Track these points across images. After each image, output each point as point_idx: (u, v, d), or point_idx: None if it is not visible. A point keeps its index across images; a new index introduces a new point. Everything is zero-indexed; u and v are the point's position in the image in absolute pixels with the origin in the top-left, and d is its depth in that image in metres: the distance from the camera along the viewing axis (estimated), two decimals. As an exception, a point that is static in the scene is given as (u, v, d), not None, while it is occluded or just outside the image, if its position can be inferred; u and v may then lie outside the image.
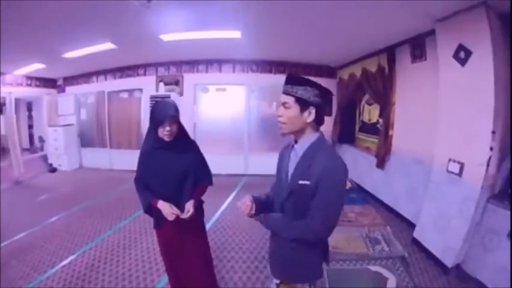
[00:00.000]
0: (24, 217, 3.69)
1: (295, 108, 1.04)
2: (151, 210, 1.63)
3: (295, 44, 4.12)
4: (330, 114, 5.72)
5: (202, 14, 2.90)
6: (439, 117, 2.68)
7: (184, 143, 1.64)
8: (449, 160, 2.51)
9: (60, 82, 6.40)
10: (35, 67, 4.96)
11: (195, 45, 4.18)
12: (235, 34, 3.58)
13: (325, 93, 1.07)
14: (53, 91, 6.39)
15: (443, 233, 2.54)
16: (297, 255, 1.12)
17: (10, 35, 3.06)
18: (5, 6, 2.32)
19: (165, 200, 1.55)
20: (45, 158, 6.32)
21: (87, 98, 6.27)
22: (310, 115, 1.04)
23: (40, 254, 2.78)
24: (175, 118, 1.51)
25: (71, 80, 6.29)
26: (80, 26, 3.10)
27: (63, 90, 6.40)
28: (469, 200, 2.27)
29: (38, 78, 5.93)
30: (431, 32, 2.73)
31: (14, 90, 5.23)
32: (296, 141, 1.13)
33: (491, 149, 2.15)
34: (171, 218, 1.51)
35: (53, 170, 6.03)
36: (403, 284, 2.27)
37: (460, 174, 2.40)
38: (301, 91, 1.03)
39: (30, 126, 7.60)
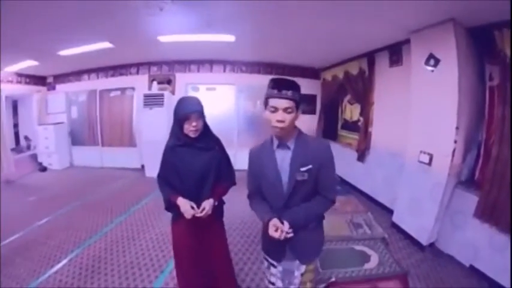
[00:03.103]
0: (23, 215, 3.60)
1: (295, 112, 1.10)
2: (172, 207, 1.56)
3: (283, 47, 4.28)
4: (314, 113, 6.00)
5: (202, 18, 2.95)
6: (411, 115, 2.95)
7: (208, 140, 1.56)
8: (420, 152, 2.79)
9: (50, 80, 6.14)
10: (27, 64, 4.73)
11: (188, 46, 4.22)
12: (230, 38, 3.70)
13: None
14: (43, 89, 6.13)
15: (417, 216, 2.83)
16: (316, 233, 1.28)
17: (4, 29, 2.88)
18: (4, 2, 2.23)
19: (186, 197, 1.49)
20: (34, 157, 6.07)
21: (78, 96, 6.09)
22: (298, 114, 1.13)
23: (44, 250, 2.74)
24: (200, 113, 1.46)
25: (61, 77, 6.06)
26: (80, 24, 3.03)
27: (53, 88, 6.16)
28: (438, 186, 2.57)
29: (28, 76, 5.66)
30: (407, 41, 3.00)
31: (4, 87, 4.98)
32: (281, 140, 1.17)
33: (455, 142, 2.45)
34: (188, 216, 1.44)
35: (43, 169, 5.82)
36: (385, 259, 2.54)
37: (429, 163, 2.68)
38: (297, 94, 1.09)
39: (15, 125, 7.25)
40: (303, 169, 1.12)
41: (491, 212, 2.23)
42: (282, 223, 1.12)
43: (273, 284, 1.34)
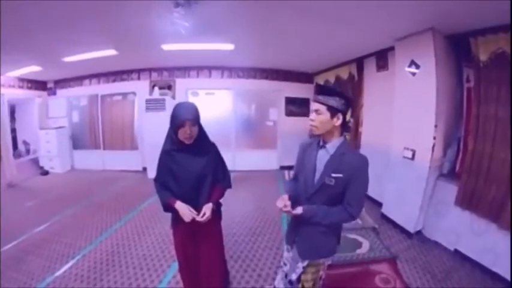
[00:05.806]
0: (31, 216, 3.65)
1: (326, 115, 1.21)
2: (170, 210, 1.59)
3: (279, 54, 4.47)
4: (307, 115, 6.21)
5: (204, 28, 3.08)
6: (395, 115, 3.19)
7: (203, 145, 1.59)
8: (404, 148, 3.03)
9: (50, 85, 6.18)
10: (31, 69, 4.76)
11: (189, 53, 4.36)
12: (229, 46, 3.89)
13: (349, 102, 1.25)
14: (43, 93, 6.16)
15: (404, 206, 3.06)
16: (324, 237, 1.33)
17: (9, 34, 2.89)
18: (10, 7, 2.23)
19: (183, 201, 1.52)
20: (34, 161, 6.07)
21: (80, 101, 6.13)
22: (338, 120, 1.22)
23: (57, 248, 2.80)
24: (195, 121, 1.46)
25: (62, 82, 6.11)
26: (87, 32, 3.12)
27: (54, 93, 6.19)
28: (421, 178, 2.80)
29: (29, 80, 5.69)
30: (392, 48, 3.24)
31: (6, 92, 4.99)
32: (325, 142, 1.29)
33: (434, 138, 2.70)
34: (187, 219, 1.49)
35: (45, 172, 5.82)
36: (375, 246, 2.76)
37: (412, 158, 2.92)
38: (332, 100, 1.20)
39: (13, 130, 7.17)
40: (333, 175, 1.22)
41: (469, 200, 2.47)
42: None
43: (284, 264, 1.53)
